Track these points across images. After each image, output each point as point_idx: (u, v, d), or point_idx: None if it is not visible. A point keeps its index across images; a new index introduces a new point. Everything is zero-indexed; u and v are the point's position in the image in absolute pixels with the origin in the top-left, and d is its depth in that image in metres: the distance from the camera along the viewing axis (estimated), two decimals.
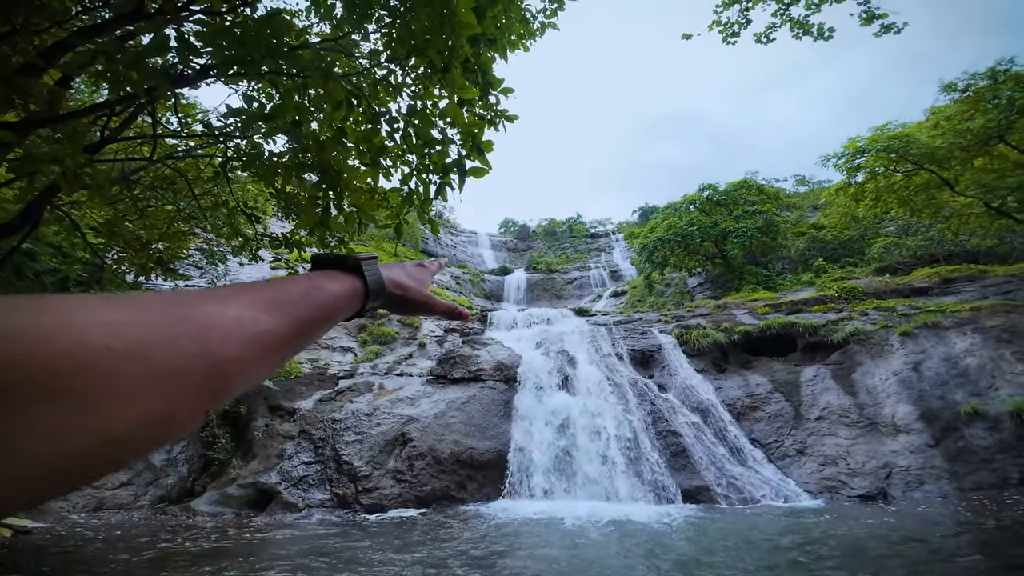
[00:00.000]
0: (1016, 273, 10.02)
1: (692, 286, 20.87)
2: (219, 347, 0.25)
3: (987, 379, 7.46)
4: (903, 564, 3.83)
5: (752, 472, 7.34)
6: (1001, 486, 6.22)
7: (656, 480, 7.05)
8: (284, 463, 8.07)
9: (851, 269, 16.08)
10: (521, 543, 4.94)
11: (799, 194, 25.50)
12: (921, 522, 5.23)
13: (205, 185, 3.39)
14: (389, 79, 3.14)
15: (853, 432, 7.65)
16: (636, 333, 11.23)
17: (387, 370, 11.15)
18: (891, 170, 12.89)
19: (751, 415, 8.52)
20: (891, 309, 9.77)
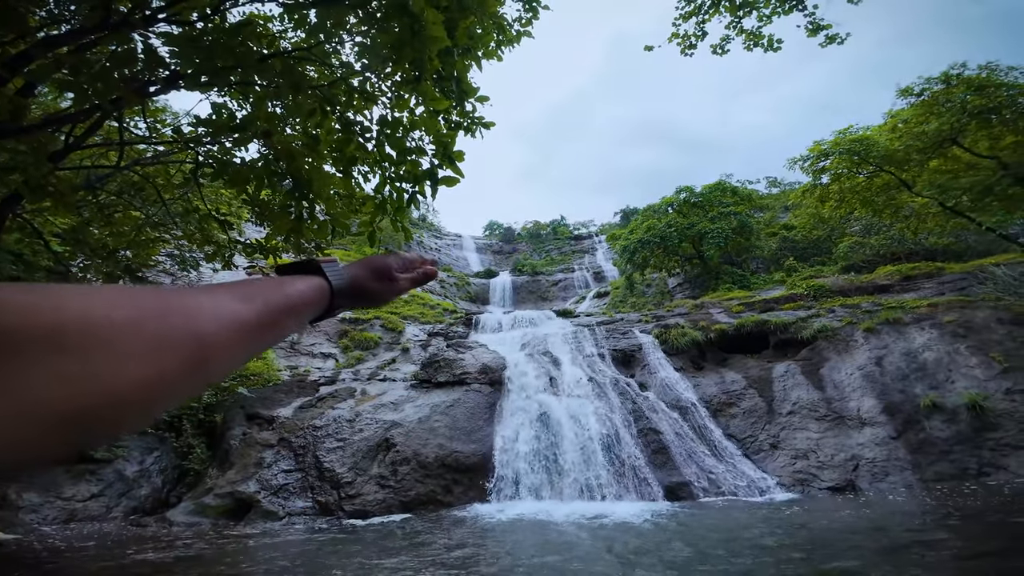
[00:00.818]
0: (970, 270, 10.62)
1: (672, 286, 21.34)
2: (202, 325, 0.28)
3: (944, 372, 7.87)
4: (872, 554, 4.04)
5: (729, 467, 7.58)
6: (961, 476, 6.50)
7: (639, 478, 7.20)
8: (263, 472, 7.91)
9: (820, 268, 16.75)
10: (506, 546, 4.99)
11: (771, 195, 26.41)
12: (888, 513, 5.49)
13: (175, 191, 3.33)
14: (365, 87, 3.17)
15: (822, 426, 7.98)
16: (618, 333, 11.43)
17: (370, 375, 11.04)
18: (854, 172, 13.50)
19: (727, 411, 8.79)
20: (856, 306, 10.23)
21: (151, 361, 0.24)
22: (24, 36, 1.72)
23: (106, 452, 7.39)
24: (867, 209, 13.93)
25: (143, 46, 1.69)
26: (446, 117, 3.96)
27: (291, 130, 2.95)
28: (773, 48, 5.75)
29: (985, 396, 7.09)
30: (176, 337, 0.26)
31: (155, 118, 3.08)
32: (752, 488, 7.08)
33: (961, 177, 11.90)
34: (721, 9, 5.53)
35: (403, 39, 2.54)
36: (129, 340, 0.23)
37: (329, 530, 6.30)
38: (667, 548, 4.53)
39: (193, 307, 0.29)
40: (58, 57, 1.65)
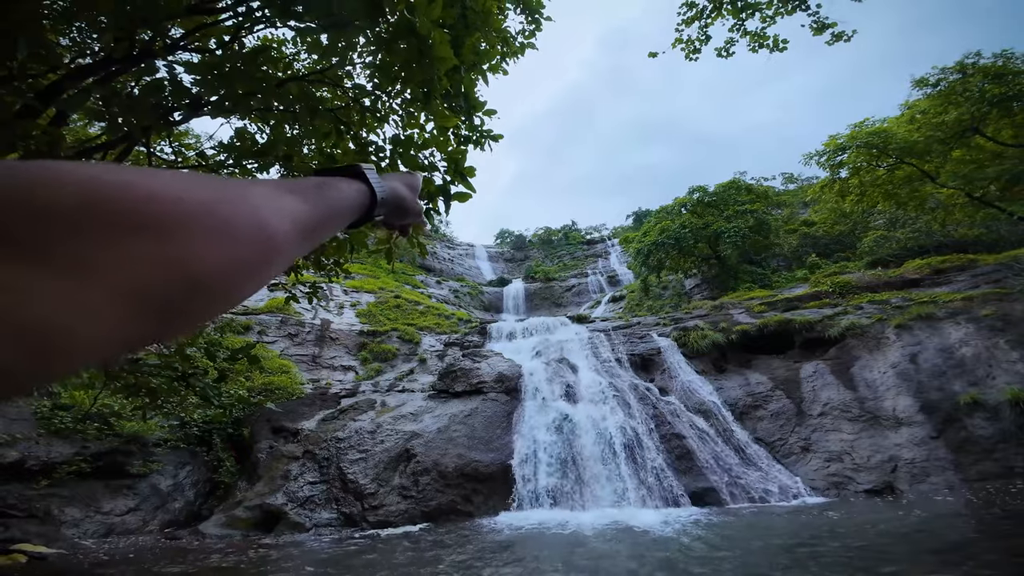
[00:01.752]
0: (1004, 261, 10.12)
1: (689, 288, 20.97)
2: (266, 215, 0.28)
3: (984, 368, 7.49)
4: (916, 556, 3.85)
5: (758, 471, 7.34)
6: (1007, 475, 6.18)
7: (663, 484, 7.04)
8: (289, 484, 8.07)
9: (844, 264, 16.21)
10: (528, 556, 4.94)
11: (788, 191, 25.80)
12: (933, 515, 5.21)
13: None
14: (377, 106, 3.29)
15: (856, 427, 7.67)
16: (635, 337, 11.29)
17: (389, 387, 11.17)
18: (873, 165, 13.13)
19: (753, 414, 8.54)
20: (885, 302, 9.85)
21: (224, 246, 0.24)
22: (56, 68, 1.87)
23: (142, 467, 7.67)
24: (890, 202, 13.51)
25: (169, 75, 1.81)
26: (455, 132, 4.05)
27: (307, 150, 3.07)
28: (779, 48, 5.69)
29: None
30: (246, 224, 0.26)
31: (179, 142, 3.23)
32: (783, 493, 6.83)
33: (987, 166, 11.49)
34: (724, 12, 5.52)
35: (411, 60, 2.63)
36: (202, 223, 0.23)
37: (354, 540, 6.36)
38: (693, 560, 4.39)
39: (258, 197, 0.28)
40: (87, 87, 1.78)
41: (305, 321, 13.85)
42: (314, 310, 14.33)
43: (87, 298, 0.18)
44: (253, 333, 12.69)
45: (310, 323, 13.86)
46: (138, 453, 7.78)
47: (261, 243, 0.27)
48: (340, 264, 4.19)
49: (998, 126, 11.25)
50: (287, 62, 2.89)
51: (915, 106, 12.46)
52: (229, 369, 4.77)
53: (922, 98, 12.22)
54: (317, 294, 4.40)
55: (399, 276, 24.95)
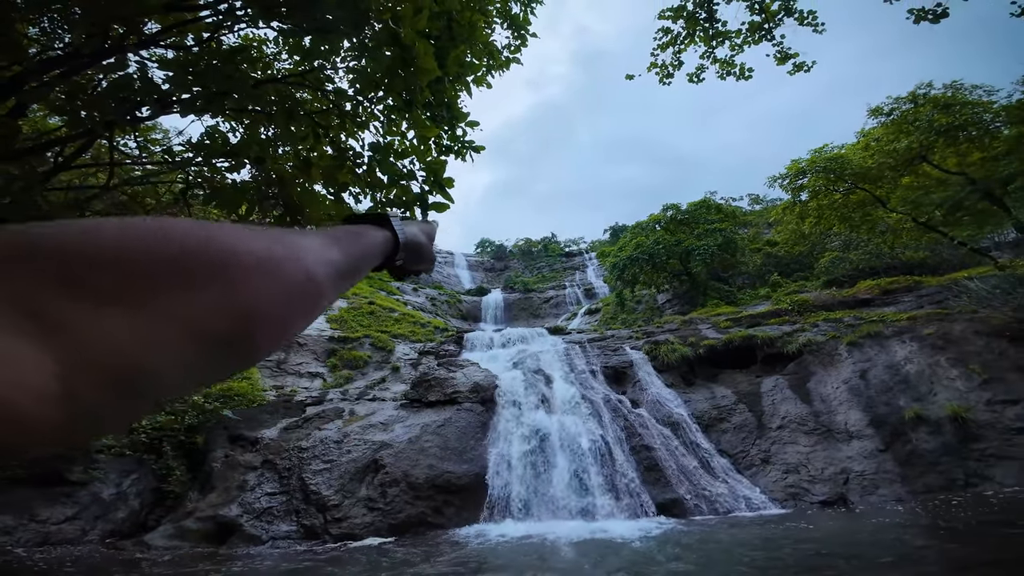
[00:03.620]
0: (946, 283, 10.94)
1: (661, 302, 21.58)
2: (313, 266, 0.31)
3: (926, 385, 8.03)
4: (873, 571, 4.04)
5: (721, 483, 7.56)
6: (949, 488, 6.55)
7: (632, 495, 7.14)
8: (246, 495, 7.69)
9: (803, 283, 17.14)
10: (499, 568, 4.87)
11: (754, 212, 27.16)
12: (880, 527, 5.48)
13: (165, 211, 3.32)
14: (358, 111, 3.25)
15: (811, 439, 8.04)
16: (609, 350, 11.48)
17: (359, 395, 10.85)
18: (831, 189, 14.02)
19: (718, 426, 8.82)
20: (839, 320, 10.46)
21: (281, 294, 0.27)
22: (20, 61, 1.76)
23: (82, 474, 7.12)
24: (845, 225, 14.42)
25: (139, 73, 1.73)
26: (437, 141, 4.06)
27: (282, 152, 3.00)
28: (745, 77, 6.05)
29: (967, 408, 7.24)
30: (298, 274, 0.30)
31: (145, 137, 3.08)
32: (745, 504, 7.06)
33: (932, 193, 12.43)
34: (696, 39, 5.83)
35: (394, 68, 2.63)
36: (264, 275, 0.26)
37: (314, 553, 6.09)
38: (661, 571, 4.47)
39: (307, 250, 0.32)
40: (52, 80, 1.67)
41: None
42: None
43: (171, 339, 0.20)
44: None
45: None
46: (79, 460, 7.23)
47: (309, 290, 0.30)
48: None
49: (944, 154, 12.22)
50: (267, 62, 2.83)
51: (870, 134, 13.42)
52: None
53: (876, 126, 13.17)
54: None
55: (374, 282, 24.41)
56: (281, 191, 2.89)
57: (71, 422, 0.17)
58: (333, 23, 1.88)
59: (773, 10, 5.37)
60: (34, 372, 0.16)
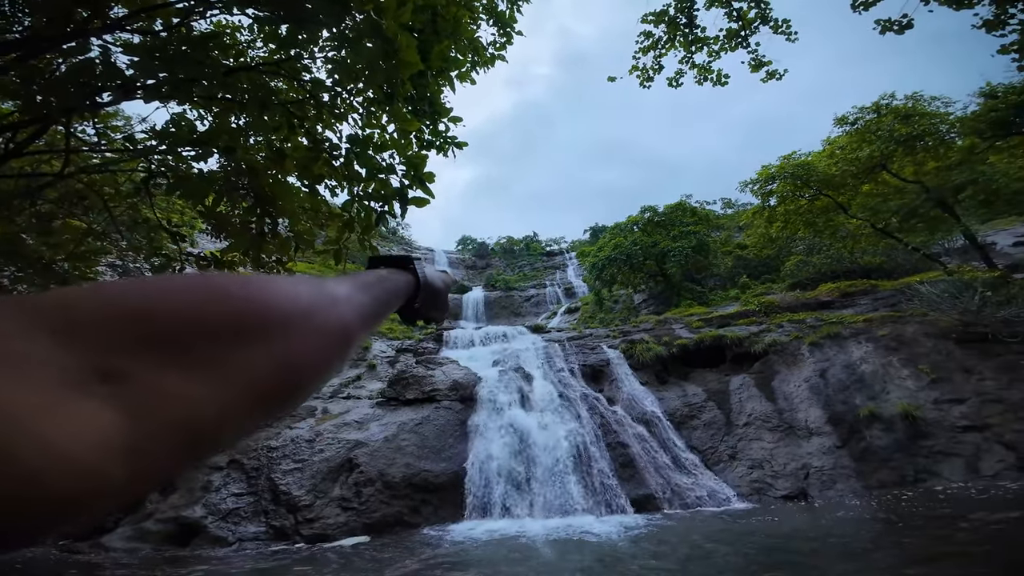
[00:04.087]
0: (900, 287, 11.62)
1: (638, 302, 22.04)
2: (347, 314, 0.33)
3: (880, 384, 8.52)
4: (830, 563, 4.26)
5: (692, 478, 7.81)
6: (901, 483, 6.92)
7: (608, 492, 7.28)
8: (210, 495, 7.42)
9: (770, 285, 17.88)
10: (476, 566, 4.88)
11: (726, 216, 28.07)
12: (839, 521, 5.75)
13: (124, 200, 3.12)
14: (336, 102, 3.15)
15: (775, 436, 8.41)
16: (587, 349, 11.64)
17: (332, 393, 10.59)
18: (797, 195, 14.65)
19: (689, 423, 9.10)
20: (802, 321, 10.96)
21: (319, 344, 0.28)
22: None
23: None
24: (809, 230, 15.11)
25: (102, 58, 1.61)
26: (418, 136, 3.99)
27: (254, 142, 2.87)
28: (721, 83, 6.25)
29: (917, 406, 7.72)
30: (334, 324, 0.31)
31: (105, 124, 2.89)
32: (713, 498, 7.32)
33: (890, 200, 13.17)
34: (676, 44, 5.97)
35: (375, 60, 2.56)
36: (304, 328, 0.27)
37: (284, 555, 5.92)
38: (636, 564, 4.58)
39: (341, 301, 0.33)
40: (7, 64, 1.53)
41: None
42: None
43: (232, 396, 0.22)
44: None
45: None
46: None
47: (343, 339, 0.32)
48: (283, 263, 3.95)
49: (902, 163, 12.93)
50: (240, 49, 2.69)
51: (835, 142, 14.09)
52: None
53: (842, 135, 13.83)
54: None
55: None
56: (252, 182, 2.77)
57: (135, 478, 0.18)
58: (312, 12, 1.81)
59: (750, 18, 5.55)
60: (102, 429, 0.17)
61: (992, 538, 4.23)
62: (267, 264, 3.80)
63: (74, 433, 0.15)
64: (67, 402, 0.16)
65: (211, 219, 2.76)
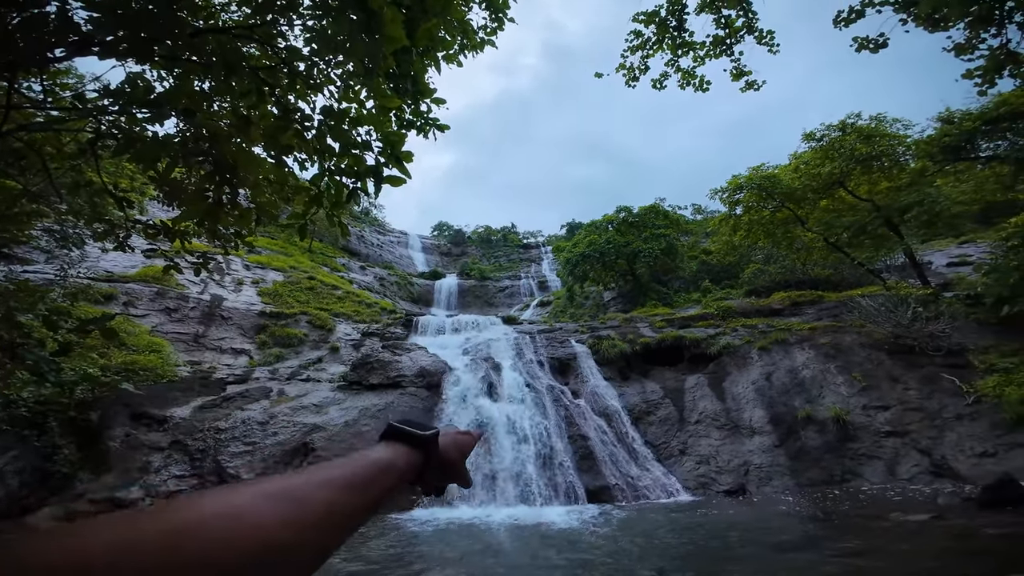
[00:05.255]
0: (843, 299, 12.52)
1: (607, 300, 22.58)
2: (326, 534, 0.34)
3: (817, 389, 9.22)
4: (762, 554, 4.60)
5: (645, 471, 8.18)
6: (829, 482, 7.54)
7: (567, 482, 7.49)
8: (150, 477, 7.02)
9: (729, 290, 18.83)
10: (435, 553, 4.90)
11: (695, 221, 29.16)
12: (774, 514, 6.18)
13: (66, 162, 2.77)
14: (312, 72, 2.95)
15: (722, 434, 8.94)
16: (556, 342, 11.82)
17: (290, 375, 10.19)
18: (762, 206, 15.38)
19: (646, 419, 9.50)
20: (754, 327, 11.63)
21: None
22: None
23: None
24: (769, 240, 15.95)
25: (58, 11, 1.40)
26: (398, 114, 3.83)
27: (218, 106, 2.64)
28: (703, 89, 6.41)
29: (847, 411, 8.43)
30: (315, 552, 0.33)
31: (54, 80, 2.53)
32: (663, 491, 7.72)
33: (843, 216, 14.06)
34: (664, 46, 6.04)
35: (357, 32, 2.41)
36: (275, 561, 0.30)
37: None
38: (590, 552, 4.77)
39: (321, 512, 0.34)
40: None
41: (189, 295, 11.97)
42: (203, 284, 12.45)
43: None
44: (117, 304, 10.62)
45: (196, 298, 12.01)
46: None
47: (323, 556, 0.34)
48: (242, 236, 3.70)
49: (859, 181, 13.78)
50: (212, 12, 2.43)
51: (801, 157, 14.82)
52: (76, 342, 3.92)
53: (807, 150, 14.55)
54: (208, 266, 3.82)
55: (317, 256, 22.81)
56: (213, 148, 2.55)
57: None
58: None
59: (736, 26, 5.68)
60: None
61: (906, 538, 4.72)
62: (223, 236, 3.55)
63: None
64: None
65: (163, 185, 2.52)
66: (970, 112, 11.04)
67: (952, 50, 5.08)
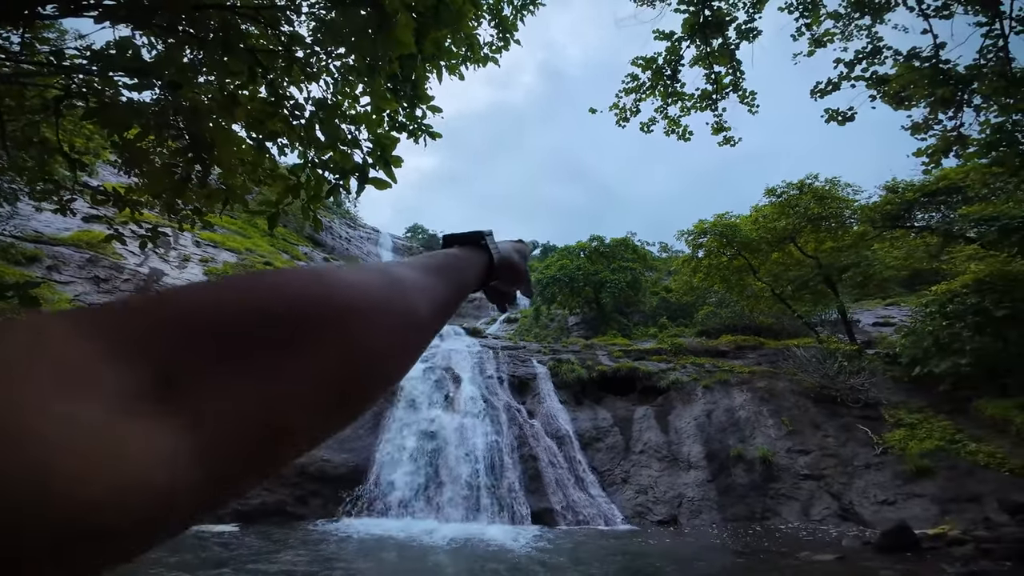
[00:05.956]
0: (780, 348, 13.53)
1: (571, 324, 22.99)
2: (418, 304, 0.32)
3: (750, 429, 9.82)
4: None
5: (587, 497, 8.28)
6: (750, 518, 7.99)
7: (513, 502, 7.42)
8: None
9: (683, 328, 19.78)
10: (348, 569, 4.63)
11: (661, 259, 30.58)
12: (702, 547, 6.49)
13: (26, 116, 2.45)
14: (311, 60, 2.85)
15: (662, 465, 9.27)
16: (518, 360, 11.82)
17: None
18: (721, 252, 16.42)
19: (595, 445, 9.66)
20: (702, 365, 12.26)
21: (392, 337, 0.28)
22: None
23: None
24: (724, 285, 17.01)
25: None
26: (392, 116, 3.77)
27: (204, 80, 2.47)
28: (685, 138, 6.84)
29: (773, 452, 9.03)
30: (407, 316, 0.30)
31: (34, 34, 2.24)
32: (602, 517, 7.83)
33: (790, 270, 15.28)
34: (656, 93, 6.40)
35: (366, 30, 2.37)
36: (379, 323, 0.27)
37: None
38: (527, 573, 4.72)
39: (413, 290, 0.32)
40: None
41: (125, 266, 10.90)
42: (144, 255, 11.39)
43: (300, 401, 0.21)
44: (40, 267, 9.51)
45: (132, 270, 10.96)
46: None
47: (416, 330, 0.31)
48: (202, 213, 3.46)
49: (807, 239, 15.02)
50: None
51: (761, 210, 16.00)
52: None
53: (768, 204, 15.73)
54: (157, 240, 3.52)
55: (277, 242, 21.59)
56: (191, 122, 2.38)
57: (208, 489, 0.17)
58: None
59: (724, 83, 6.12)
60: (166, 442, 0.16)
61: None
62: (180, 211, 3.29)
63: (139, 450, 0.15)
64: (127, 417, 0.15)
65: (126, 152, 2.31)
66: (912, 183, 12.33)
67: (909, 129, 5.70)
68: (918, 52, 5.28)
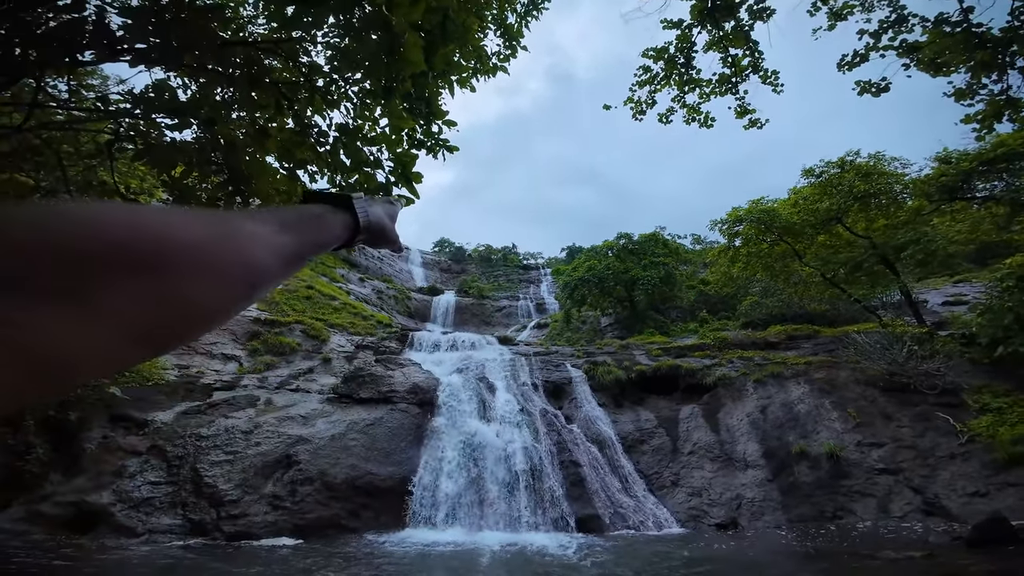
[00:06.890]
0: (838, 335, 12.54)
1: (604, 325, 22.55)
2: (255, 253, 0.32)
3: (812, 423, 9.13)
4: None
5: (636, 502, 7.99)
6: (819, 518, 7.39)
7: (556, 509, 7.31)
8: (123, 482, 6.81)
9: (726, 321, 18.85)
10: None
11: (694, 251, 29.45)
12: (766, 551, 6.05)
13: (82, 161, 2.79)
14: (330, 88, 3.03)
15: (715, 466, 8.79)
16: (551, 365, 11.73)
17: (279, 384, 10.02)
18: (760, 239, 15.57)
19: (639, 448, 9.34)
20: (750, 359, 11.59)
21: (210, 281, 0.27)
22: None
23: None
24: (767, 273, 16.06)
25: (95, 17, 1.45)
26: (410, 134, 3.92)
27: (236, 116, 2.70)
28: (707, 125, 6.57)
29: (842, 447, 8.33)
30: (232, 261, 0.30)
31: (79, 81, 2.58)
32: (653, 523, 7.52)
33: (840, 252, 14.19)
34: (671, 82, 6.23)
35: (379, 53, 2.50)
36: (192, 263, 0.26)
37: (200, 550, 5.47)
38: None
39: (248, 235, 0.32)
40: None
41: None
42: None
43: (89, 332, 0.20)
44: None
45: None
46: None
47: (245, 277, 0.31)
48: None
49: (856, 218, 13.94)
50: (240, 24, 2.52)
51: (800, 192, 15.06)
52: None
53: (807, 185, 14.80)
54: None
55: (316, 266, 22.81)
56: (228, 157, 2.60)
57: None
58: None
59: (743, 65, 5.86)
60: None
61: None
62: None
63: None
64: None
65: (175, 190, 2.55)
66: (967, 153, 11.25)
67: (952, 95, 5.21)
68: (947, 17, 4.84)
